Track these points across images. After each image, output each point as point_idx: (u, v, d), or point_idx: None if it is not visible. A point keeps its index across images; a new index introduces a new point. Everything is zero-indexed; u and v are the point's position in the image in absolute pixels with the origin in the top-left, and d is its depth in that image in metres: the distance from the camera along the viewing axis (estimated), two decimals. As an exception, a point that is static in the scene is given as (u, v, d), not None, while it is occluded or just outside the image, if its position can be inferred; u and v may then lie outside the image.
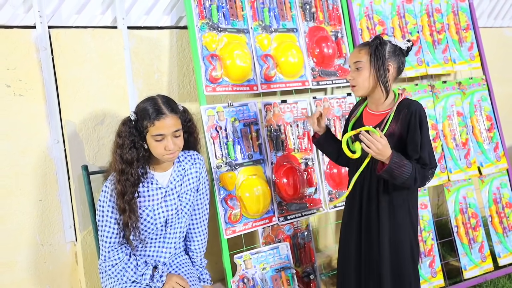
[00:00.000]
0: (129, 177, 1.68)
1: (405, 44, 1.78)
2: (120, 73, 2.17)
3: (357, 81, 1.79)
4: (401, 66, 1.81)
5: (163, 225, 1.81)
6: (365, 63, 1.76)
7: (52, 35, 2.02)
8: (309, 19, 2.54)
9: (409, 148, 1.73)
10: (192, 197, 1.88)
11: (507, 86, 3.63)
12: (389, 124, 1.76)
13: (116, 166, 1.69)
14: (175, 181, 1.82)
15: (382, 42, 1.75)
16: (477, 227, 2.80)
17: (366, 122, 1.84)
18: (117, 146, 1.71)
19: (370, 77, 1.76)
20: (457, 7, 3.00)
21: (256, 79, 2.33)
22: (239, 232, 2.20)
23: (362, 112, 1.89)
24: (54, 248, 2.16)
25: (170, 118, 1.66)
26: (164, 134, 1.65)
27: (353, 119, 1.91)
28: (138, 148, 1.69)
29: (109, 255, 1.74)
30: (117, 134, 1.72)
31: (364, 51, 1.77)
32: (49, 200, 2.12)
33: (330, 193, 2.50)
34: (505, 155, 2.96)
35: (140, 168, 1.72)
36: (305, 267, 2.40)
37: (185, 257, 1.96)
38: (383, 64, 1.73)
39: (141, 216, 1.74)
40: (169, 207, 1.80)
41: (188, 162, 1.87)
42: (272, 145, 2.34)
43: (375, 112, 1.83)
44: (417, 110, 1.73)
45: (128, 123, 1.70)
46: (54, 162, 2.11)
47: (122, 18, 2.17)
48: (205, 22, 2.22)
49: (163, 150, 1.67)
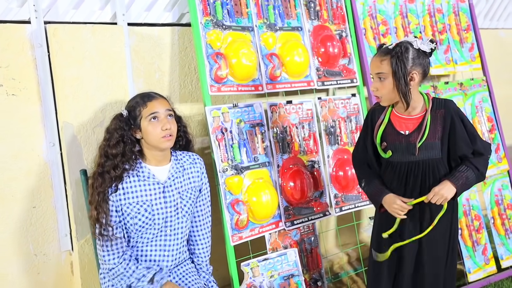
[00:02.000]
0: (110, 170, 1.67)
1: (429, 45, 1.72)
2: (121, 72, 2.06)
3: (381, 93, 1.74)
4: (426, 69, 1.76)
5: (163, 225, 1.75)
6: (387, 74, 1.70)
7: (49, 31, 1.90)
8: (313, 17, 2.48)
9: (461, 146, 1.74)
10: (193, 196, 1.84)
11: (503, 88, 3.64)
12: (428, 128, 1.73)
13: (98, 160, 1.71)
14: (174, 177, 1.78)
15: (404, 50, 1.68)
16: (480, 229, 2.78)
17: (399, 128, 1.79)
18: (104, 140, 1.72)
19: (395, 88, 1.70)
20: (457, 8, 2.99)
21: (261, 79, 2.25)
22: (246, 238, 2.11)
23: (390, 117, 1.82)
24: (48, 258, 2.03)
25: (160, 99, 1.74)
26: (157, 111, 1.69)
27: (382, 126, 1.82)
28: (126, 142, 1.70)
29: (104, 257, 1.70)
30: (106, 130, 1.74)
31: (386, 62, 1.70)
32: (43, 207, 1.99)
33: (336, 196, 2.44)
34: (506, 157, 2.96)
35: (125, 164, 1.70)
36: (312, 274, 2.33)
37: (190, 266, 1.88)
38: (404, 76, 1.67)
39: (138, 212, 1.71)
40: (168, 203, 1.75)
41: (187, 161, 1.85)
42: (278, 148, 2.27)
43: (407, 116, 1.78)
44: (453, 108, 1.76)
45: (119, 118, 1.72)
46: (49, 166, 1.99)
47: (122, 14, 2.06)
48: (210, 19, 2.13)
49: (160, 131, 1.68)
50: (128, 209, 1.70)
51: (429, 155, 1.75)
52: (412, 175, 1.78)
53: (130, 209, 1.70)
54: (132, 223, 1.71)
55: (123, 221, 1.72)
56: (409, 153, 1.76)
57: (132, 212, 1.70)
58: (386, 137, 1.82)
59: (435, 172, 1.77)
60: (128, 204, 1.70)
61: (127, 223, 1.72)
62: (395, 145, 1.79)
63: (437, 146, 1.74)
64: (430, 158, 1.76)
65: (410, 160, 1.77)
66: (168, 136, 1.69)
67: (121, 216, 1.71)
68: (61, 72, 1.93)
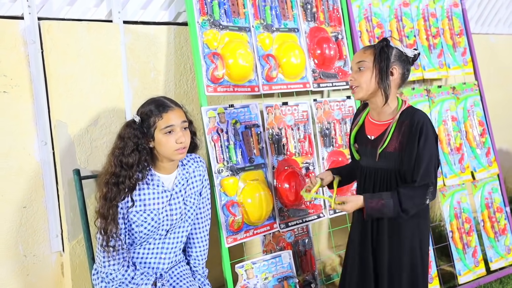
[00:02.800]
0: (125, 181, 1.59)
1: (412, 52, 1.69)
2: (117, 71, 2.03)
3: (358, 82, 1.69)
4: (405, 73, 1.71)
5: (166, 231, 1.72)
6: (368, 64, 1.67)
7: (42, 27, 1.86)
8: (310, 19, 2.47)
9: (404, 163, 1.63)
10: (196, 201, 1.80)
11: (493, 92, 3.69)
12: (390, 136, 1.66)
13: (110, 168, 1.60)
14: (180, 184, 1.74)
15: (389, 45, 1.67)
16: (470, 232, 2.81)
17: (368, 132, 1.77)
18: (118, 148, 1.62)
19: (372, 80, 1.66)
20: (451, 12, 3.01)
21: (258, 80, 2.23)
22: (241, 240, 2.09)
23: (364, 120, 1.82)
24: (38, 259, 1.99)
25: (176, 110, 1.64)
26: (173, 125, 1.61)
27: (356, 128, 1.83)
28: (141, 151, 1.61)
29: (104, 262, 1.64)
30: (118, 136, 1.63)
31: (369, 52, 1.69)
32: (34, 207, 1.95)
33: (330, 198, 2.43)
34: (496, 160, 2.99)
35: (138, 172, 1.62)
36: (305, 275, 2.32)
37: (185, 268, 1.85)
38: (387, 67, 1.65)
39: (145, 220, 1.65)
40: (173, 211, 1.71)
41: (192, 166, 1.80)
42: (273, 149, 2.25)
43: (377, 121, 1.75)
44: (420, 121, 1.61)
45: (132, 125, 1.61)
46: (41, 165, 1.94)
47: (118, 12, 2.03)
48: (207, 18, 2.10)
49: (174, 144, 1.61)
50: (135, 217, 1.64)
51: (388, 165, 1.68)
52: (372, 181, 1.74)
53: (137, 217, 1.64)
54: (137, 231, 1.66)
55: (127, 228, 1.66)
56: (373, 158, 1.72)
57: (139, 221, 1.65)
58: (358, 139, 1.82)
59: (390, 183, 1.69)
60: (135, 212, 1.64)
61: (131, 230, 1.66)
62: (362, 148, 1.78)
63: (395, 156, 1.65)
64: (389, 168, 1.68)
65: (372, 166, 1.73)
66: (182, 149, 1.63)
67: (127, 224, 1.65)
68: (54, 70, 1.89)
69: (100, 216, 1.60)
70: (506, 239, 2.94)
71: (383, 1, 2.74)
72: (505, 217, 2.97)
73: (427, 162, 1.60)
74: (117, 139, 1.63)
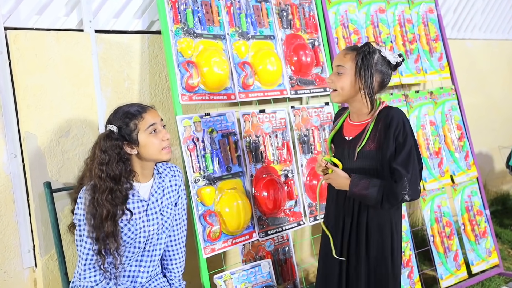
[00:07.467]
0: (118, 194, 1.57)
1: (395, 58, 1.67)
2: (88, 80, 1.99)
3: (336, 86, 1.68)
4: (385, 79, 1.69)
5: (143, 243, 1.68)
6: (348, 70, 1.65)
7: (9, 37, 1.81)
8: (286, 26, 2.47)
9: (382, 159, 1.63)
10: (172, 211, 1.77)
11: (471, 97, 3.73)
12: (368, 136, 1.66)
13: (101, 186, 1.55)
14: (156, 194, 1.71)
15: (372, 51, 1.65)
16: (451, 236, 2.82)
17: (346, 134, 1.76)
18: (101, 163, 1.56)
19: (351, 85, 1.65)
20: (427, 18, 3.05)
21: (234, 88, 2.22)
22: (219, 250, 2.06)
23: (343, 123, 1.81)
24: (9, 275, 1.92)
25: (153, 110, 1.66)
26: (155, 123, 1.61)
27: (333, 131, 1.82)
28: (125, 161, 1.60)
29: (85, 274, 1.60)
30: (100, 151, 1.57)
31: (349, 56, 1.66)
32: (4, 222, 1.89)
33: (310, 205, 2.42)
34: (474, 163, 3.02)
35: (126, 183, 1.61)
36: (286, 285, 2.29)
37: (162, 280, 1.82)
38: (371, 75, 1.62)
39: (121, 231, 1.61)
40: (150, 221, 1.68)
41: (168, 174, 1.77)
42: (251, 157, 2.23)
43: (355, 122, 1.74)
44: (394, 117, 1.61)
45: (111, 136, 1.57)
46: (11, 179, 1.89)
47: (89, 21, 2.00)
48: (180, 27, 2.08)
49: (161, 142, 1.61)
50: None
51: (366, 164, 1.67)
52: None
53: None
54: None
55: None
56: (350, 159, 1.71)
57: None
58: (335, 142, 1.81)
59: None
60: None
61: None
62: (339, 150, 1.77)
63: (374, 155, 1.65)
64: (366, 167, 1.67)
65: (350, 167, 1.71)
66: (168, 148, 1.63)
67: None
68: (22, 80, 1.84)
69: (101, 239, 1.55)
70: (486, 242, 2.95)
71: (359, 7, 2.76)
72: (485, 220, 2.98)
73: (407, 152, 1.59)
74: (99, 153, 1.57)
